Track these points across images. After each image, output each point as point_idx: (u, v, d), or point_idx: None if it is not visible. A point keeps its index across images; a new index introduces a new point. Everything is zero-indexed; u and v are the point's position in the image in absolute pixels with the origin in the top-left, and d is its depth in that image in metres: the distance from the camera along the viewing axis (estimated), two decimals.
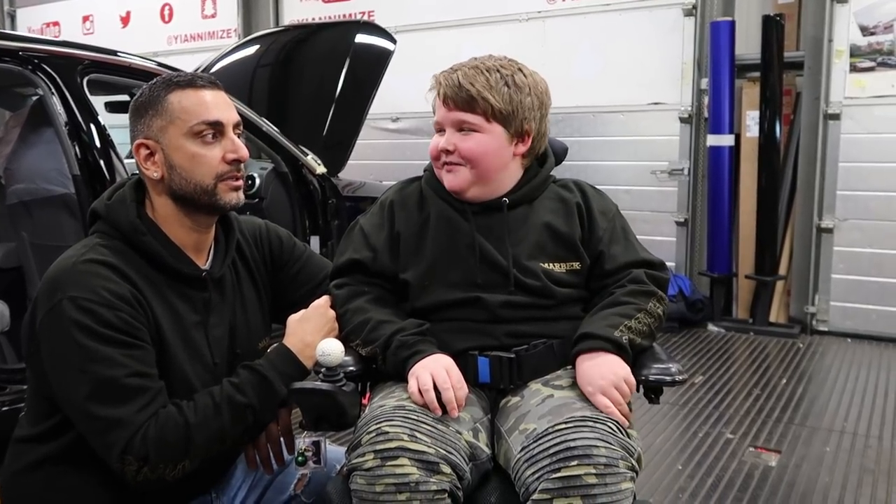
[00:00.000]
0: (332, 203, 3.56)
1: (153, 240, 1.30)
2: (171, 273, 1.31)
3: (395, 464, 1.18)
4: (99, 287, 1.20)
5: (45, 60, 2.55)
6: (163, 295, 1.30)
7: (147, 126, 1.31)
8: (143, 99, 1.32)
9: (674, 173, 4.84)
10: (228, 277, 1.42)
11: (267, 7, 6.22)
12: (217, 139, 1.32)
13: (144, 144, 1.31)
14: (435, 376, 1.27)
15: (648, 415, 3.07)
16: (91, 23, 7.31)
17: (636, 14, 4.87)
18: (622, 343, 1.31)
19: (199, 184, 1.30)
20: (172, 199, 1.32)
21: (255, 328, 1.46)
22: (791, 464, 2.72)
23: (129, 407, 1.18)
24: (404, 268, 1.44)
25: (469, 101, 1.37)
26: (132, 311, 1.22)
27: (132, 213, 1.30)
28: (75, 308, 1.18)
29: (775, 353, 4.11)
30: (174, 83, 1.31)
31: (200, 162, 1.30)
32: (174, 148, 1.30)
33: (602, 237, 1.44)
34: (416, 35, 5.38)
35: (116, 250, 1.27)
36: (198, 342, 1.34)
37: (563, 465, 1.16)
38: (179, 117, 1.29)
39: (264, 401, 1.29)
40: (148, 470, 1.19)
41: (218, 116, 1.31)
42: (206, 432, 1.23)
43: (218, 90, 1.35)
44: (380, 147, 5.62)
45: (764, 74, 4.42)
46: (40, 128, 2.77)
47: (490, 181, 1.43)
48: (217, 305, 1.38)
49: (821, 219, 4.44)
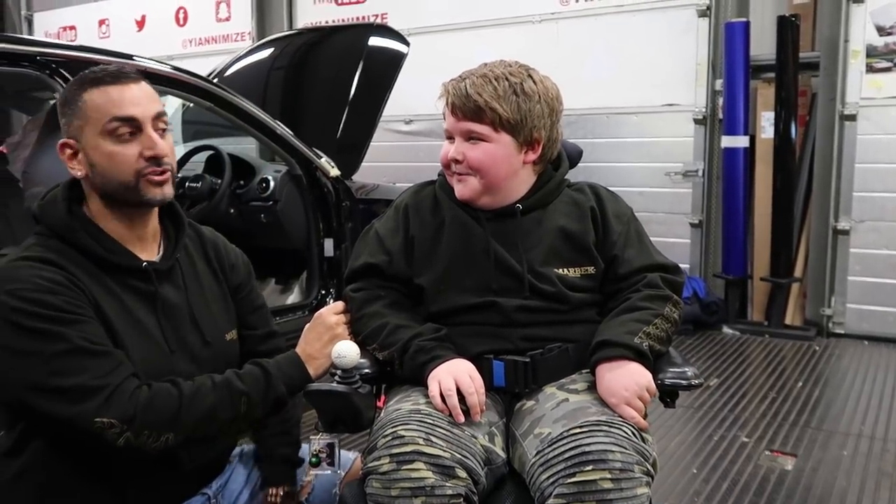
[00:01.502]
0: (345, 205, 3.57)
1: (86, 235, 1.29)
2: (111, 266, 1.30)
3: (411, 468, 1.18)
4: (34, 277, 1.20)
5: (62, 65, 2.57)
6: (106, 286, 1.29)
7: (68, 126, 1.30)
8: (62, 98, 1.31)
9: (688, 175, 4.82)
10: (180, 270, 1.40)
11: (280, 10, 6.24)
12: (135, 136, 1.28)
13: (66, 144, 1.30)
14: (459, 381, 1.28)
15: (663, 418, 3.06)
16: (107, 27, 7.37)
17: (650, 15, 4.85)
18: (643, 350, 1.30)
19: (121, 182, 1.28)
20: (100, 196, 1.32)
21: (220, 319, 1.44)
22: (807, 468, 2.70)
23: (94, 371, 1.18)
24: (419, 272, 1.44)
25: (477, 111, 1.37)
26: (70, 292, 1.22)
27: (62, 211, 1.29)
28: (13, 298, 1.18)
29: (791, 355, 4.08)
30: (87, 80, 1.28)
31: (117, 161, 1.27)
32: (92, 147, 1.28)
33: (616, 241, 1.44)
34: (429, 37, 5.38)
35: (52, 248, 1.27)
36: (150, 329, 1.32)
37: (579, 470, 1.16)
38: (92, 116, 1.27)
39: (261, 393, 1.30)
40: (131, 434, 1.18)
41: (131, 112, 1.27)
42: (197, 407, 1.23)
43: (135, 83, 1.30)
44: (393, 149, 5.63)
45: (779, 75, 4.39)
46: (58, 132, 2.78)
47: (500, 190, 1.43)
48: (166, 296, 1.36)
49: (837, 220, 4.41)
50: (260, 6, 6.33)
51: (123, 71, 1.30)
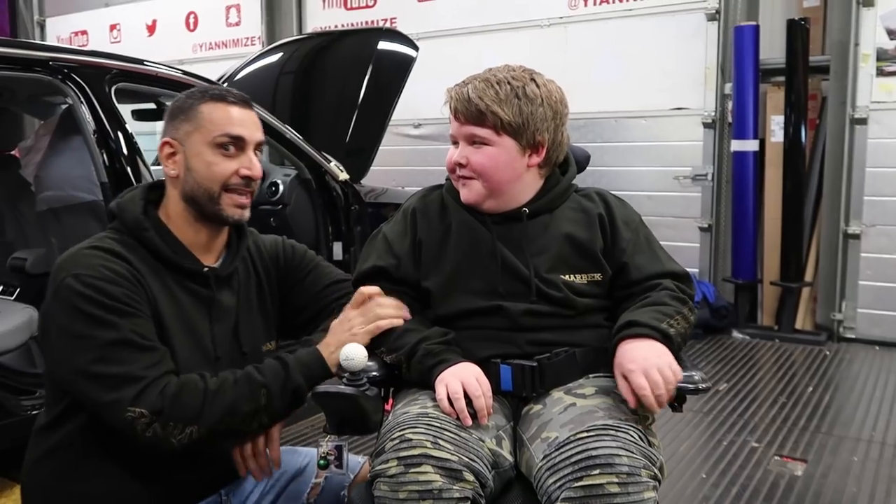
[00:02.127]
0: (354, 209, 3.58)
1: (155, 235, 1.37)
2: (174, 267, 1.37)
3: (419, 471, 1.19)
4: (98, 265, 1.28)
5: (74, 70, 2.60)
6: (166, 285, 1.36)
7: (175, 128, 1.40)
8: (178, 104, 1.42)
9: (697, 178, 4.81)
10: (236, 278, 1.47)
11: (290, 15, 6.27)
12: (236, 154, 1.39)
13: (169, 143, 1.40)
14: (466, 384, 1.28)
15: (672, 422, 3.05)
16: (118, 31, 7.42)
17: (658, 19, 4.84)
18: (669, 333, 1.30)
19: (208, 190, 1.37)
20: (182, 199, 1.40)
21: (258, 330, 1.50)
22: (817, 473, 2.68)
23: (137, 364, 1.24)
24: (426, 276, 1.45)
25: (478, 115, 1.38)
26: (131, 286, 1.29)
27: (137, 210, 1.38)
28: (78, 282, 1.25)
29: (801, 360, 4.06)
30: (209, 94, 1.40)
31: (214, 170, 1.37)
32: (194, 153, 1.38)
33: (625, 248, 1.44)
34: (438, 42, 5.40)
35: (122, 242, 1.35)
36: (201, 333, 1.39)
37: (586, 474, 1.16)
38: (205, 126, 1.38)
39: (280, 386, 1.32)
40: (158, 426, 1.23)
41: (241, 132, 1.39)
42: (220, 402, 1.27)
43: (248, 109, 1.42)
44: (402, 153, 5.64)
45: (789, 79, 4.38)
46: (69, 136, 2.82)
47: (503, 193, 1.43)
48: (222, 302, 1.43)
49: (847, 224, 4.38)
50: (269, 11, 6.36)
51: (244, 96, 1.43)
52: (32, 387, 2.44)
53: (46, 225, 2.93)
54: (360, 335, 1.39)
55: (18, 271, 3.09)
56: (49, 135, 3.00)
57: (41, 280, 3.04)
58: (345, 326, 1.42)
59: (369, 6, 5.93)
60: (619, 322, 1.34)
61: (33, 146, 3.17)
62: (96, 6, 7.53)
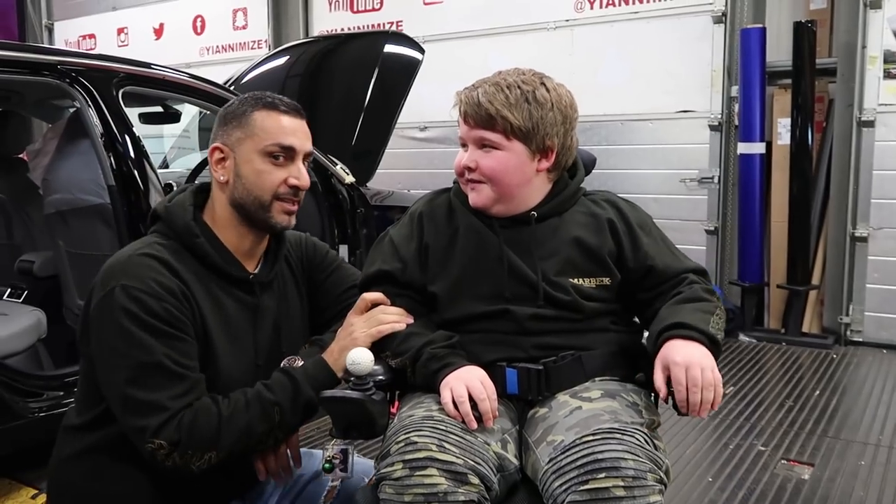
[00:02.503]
0: (360, 212, 3.59)
1: (205, 242, 1.37)
2: (221, 274, 1.38)
3: (424, 474, 1.19)
4: (149, 278, 1.28)
5: (82, 74, 2.61)
6: (213, 294, 1.36)
7: (227, 134, 1.40)
8: (231, 109, 1.42)
9: (703, 181, 4.80)
10: (276, 283, 1.48)
11: (297, 18, 6.29)
12: (285, 163, 1.39)
13: (219, 149, 1.41)
14: (470, 388, 1.28)
15: (678, 426, 3.04)
16: (126, 35, 7.46)
17: (665, 22, 4.84)
18: (718, 339, 1.30)
19: (258, 198, 1.38)
20: (231, 205, 1.40)
21: (298, 332, 1.51)
22: (825, 477, 2.67)
23: (166, 392, 1.24)
24: (432, 280, 1.45)
25: (488, 119, 1.38)
26: (178, 304, 1.29)
27: (188, 216, 1.38)
28: (125, 295, 1.25)
29: (808, 363, 4.05)
30: (262, 102, 1.40)
31: (264, 178, 1.38)
32: (245, 160, 1.38)
33: (648, 252, 1.44)
34: (444, 44, 5.40)
35: (171, 249, 1.35)
36: (244, 342, 1.40)
37: (591, 478, 1.15)
38: (257, 134, 1.38)
39: (291, 401, 1.32)
40: (177, 455, 1.23)
41: (292, 143, 1.39)
42: (234, 426, 1.27)
43: (300, 118, 1.42)
44: (408, 156, 5.65)
45: (796, 81, 4.37)
46: (77, 139, 2.83)
47: (513, 198, 1.43)
48: (264, 309, 1.44)
49: (854, 227, 4.37)
50: (276, 14, 6.38)
51: (296, 106, 1.43)
52: (40, 389, 2.44)
53: (54, 228, 2.94)
54: (360, 339, 1.39)
55: (26, 274, 3.11)
56: (57, 138, 3.01)
57: (48, 282, 3.07)
58: (347, 331, 1.42)
59: (376, 9, 5.95)
60: (666, 321, 1.32)
61: (41, 149, 3.18)
62: (104, 10, 7.57)
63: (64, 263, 2.93)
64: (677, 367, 1.23)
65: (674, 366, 1.24)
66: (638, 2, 4.92)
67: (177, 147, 5.59)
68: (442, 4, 5.62)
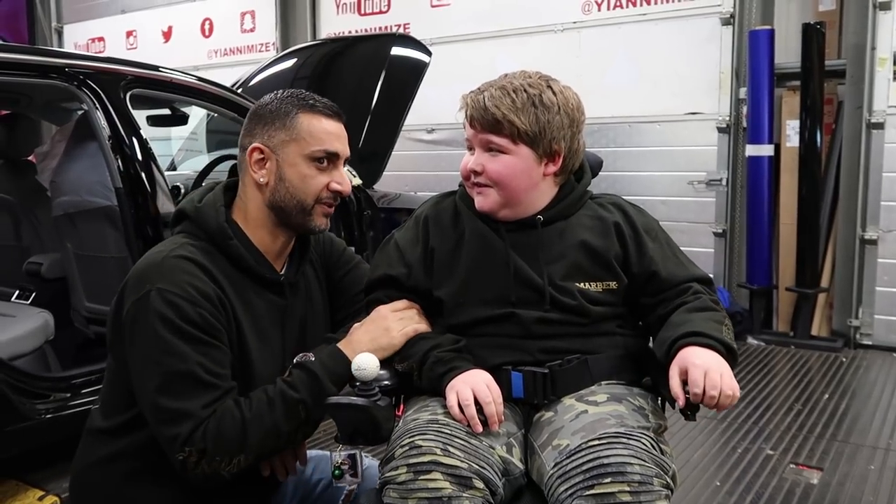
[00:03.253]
0: (367, 214, 3.58)
1: (239, 244, 1.36)
2: (254, 277, 1.37)
3: (428, 478, 1.18)
4: (185, 283, 1.26)
5: (90, 76, 2.62)
6: (245, 297, 1.35)
7: (269, 135, 1.38)
8: (271, 108, 1.39)
9: (711, 184, 4.78)
10: (302, 283, 1.48)
11: (304, 21, 6.30)
12: (329, 168, 1.39)
13: (260, 150, 1.38)
14: (476, 391, 1.27)
15: (686, 429, 3.03)
16: (134, 38, 7.49)
17: (672, 24, 4.83)
18: (733, 347, 1.28)
19: (301, 201, 1.38)
20: (269, 206, 1.39)
21: (322, 332, 1.50)
22: (834, 482, 2.65)
23: (196, 402, 1.23)
24: (438, 285, 1.44)
25: (494, 123, 1.37)
26: (214, 310, 1.27)
27: (221, 217, 1.36)
28: (161, 300, 1.24)
29: (817, 367, 4.02)
30: (307, 104, 1.38)
31: (308, 183, 1.37)
32: (289, 164, 1.37)
33: (653, 257, 1.43)
34: (451, 47, 5.40)
35: (204, 250, 1.34)
36: (273, 344, 1.39)
37: (597, 483, 1.15)
38: (304, 139, 1.37)
39: (315, 397, 1.31)
40: (205, 463, 1.22)
41: (337, 149, 1.39)
42: (260, 427, 1.26)
43: (341, 122, 1.42)
44: (415, 158, 5.65)
45: (804, 83, 4.34)
46: (85, 142, 2.84)
47: (519, 202, 1.42)
48: (293, 309, 1.43)
49: (864, 230, 4.34)
50: (284, 17, 6.40)
51: (338, 109, 1.42)
52: (47, 391, 2.45)
53: (62, 230, 2.95)
54: (397, 337, 1.39)
55: (34, 276, 3.12)
56: (65, 140, 3.02)
57: (56, 284, 3.08)
58: (381, 325, 1.40)
59: (383, 12, 5.95)
60: (681, 329, 1.30)
61: (49, 152, 3.20)
62: (113, 13, 7.60)
63: (72, 265, 2.94)
64: (696, 369, 1.21)
65: (693, 367, 1.22)
66: (646, 4, 4.90)
67: (184, 149, 5.60)
68: (449, 7, 5.62)
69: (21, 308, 2.99)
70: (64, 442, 1.43)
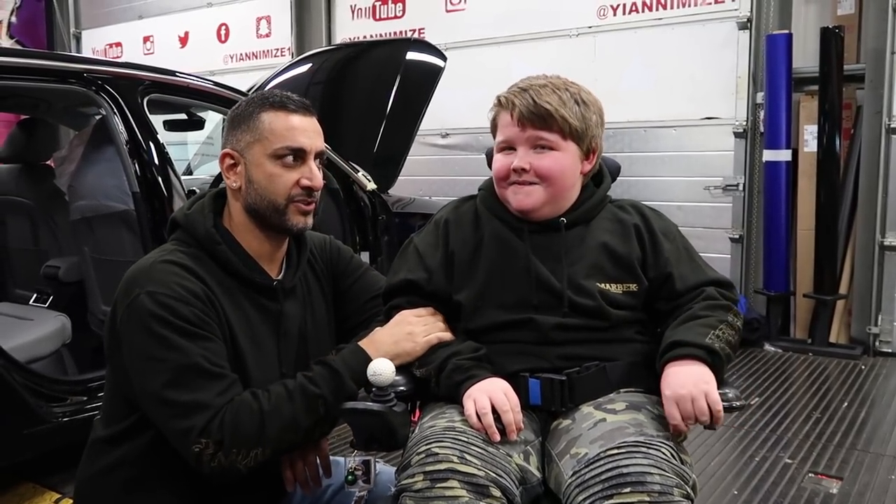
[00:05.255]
0: (382, 219, 3.59)
1: (227, 249, 1.35)
2: (244, 281, 1.36)
3: (445, 486, 1.17)
4: (174, 283, 1.26)
5: (108, 82, 2.64)
6: (237, 301, 1.34)
7: (236, 139, 1.37)
8: (238, 111, 1.38)
9: (728, 189, 4.74)
10: (300, 288, 1.46)
11: (319, 26, 6.32)
12: (297, 164, 1.36)
13: (230, 155, 1.37)
14: (493, 399, 1.26)
15: (702, 437, 2.99)
16: (151, 43, 7.54)
17: (689, 28, 4.80)
18: (715, 349, 1.28)
19: (272, 202, 1.35)
20: (246, 211, 1.38)
21: (324, 339, 1.48)
22: (854, 492, 2.61)
23: (208, 392, 1.22)
24: (458, 289, 1.43)
25: (546, 118, 1.36)
26: (204, 307, 1.27)
27: (209, 223, 1.36)
28: (152, 301, 1.23)
29: (836, 374, 3.97)
30: (269, 102, 1.36)
31: (276, 182, 1.34)
32: (255, 164, 1.35)
33: (669, 259, 1.42)
34: (466, 51, 5.39)
35: (193, 256, 1.33)
36: (268, 350, 1.37)
37: (616, 492, 1.13)
38: (266, 137, 1.34)
39: (335, 393, 1.30)
40: (222, 455, 1.21)
41: (302, 144, 1.35)
42: (278, 420, 1.25)
43: (310, 116, 1.38)
44: (429, 163, 5.64)
45: (823, 88, 4.30)
46: (102, 146, 2.86)
47: (560, 199, 1.42)
48: (288, 315, 1.41)
49: (883, 236, 4.29)
50: (299, 22, 6.43)
51: (304, 103, 1.38)
52: (64, 394, 2.46)
53: (79, 234, 2.97)
54: (420, 342, 1.38)
55: (52, 279, 3.14)
56: (83, 145, 3.04)
57: (73, 288, 3.10)
58: (405, 329, 1.39)
59: (398, 17, 5.96)
60: (664, 342, 1.31)
61: (67, 156, 3.22)
62: (130, 18, 7.67)
63: (89, 269, 2.96)
64: (667, 402, 1.23)
65: (665, 400, 1.24)
66: (662, 8, 4.88)
67: (200, 154, 5.64)
68: (464, 12, 5.62)
69: (38, 311, 3.01)
70: (80, 445, 1.43)
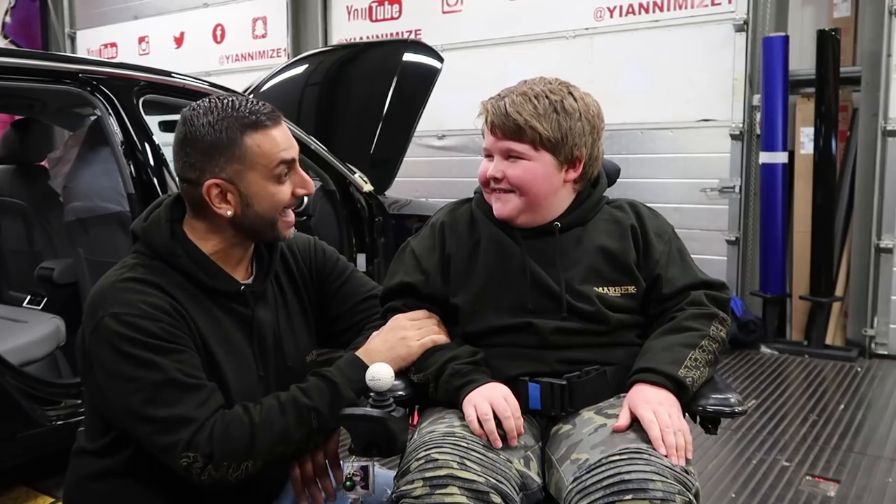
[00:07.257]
0: (378, 221, 3.57)
1: (188, 260, 1.31)
2: (209, 290, 1.33)
3: (445, 492, 1.16)
4: (137, 301, 1.23)
5: (103, 82, 2.62)
6: (206, 308, 1.32)
7: (219, 167, 1.28)
8: (210, 139, 1.27)
9: (724, 191, 4.74)
10: (271, 291, 1.43)
11: (316, 27, 6.31)
12: (289, 174, 1.34)
13: (217, 185, 1.29)
14: (494, 405, 1.25)
15: (700, 440, 2.97)
16: (147, 44, 7.51)
17: (685, 30, 4.80)
18: (685, 384, 1.27)
19: (270, 219, 1.33)
20: (234, 229, 1.33)
21: (302, 341, 1.46)
22: (851, 494, 2.61)
23: (187, 404, 1.20)
24: (455, 292, 1.42)
25: (516, 129, 1.35)
26: (172, 321, 1.24)
27: (165, 235, 1.32)
28: (117, 322, 1.21)
29: (832, 376, 3.98)
30: (245, 124, 1.28)
31: (275, 200, 1.32)
32: (254, 190, 1.30)
33: (659, 260, 1.41)
34: (463, 53, 5.39)
35: (154, 269, 1.30)
36: (244, 354, 1.35)
37: (618, 499, 1.12)
38: (259, 162, 1.29)
39: (330, 405, 1.29)
40: (212, 468, 1.19)
41: (291, 155, 1.33)
42: (269, 432, 1.23)
43: (281, 123, 1.33)
44: (426, 164, 5.64)
45: (819, 90, 4.31)
46: (97, 147, 2.84)
47: (539, 208, 1.41)
48: (261, 319, 1.39)
49: (879, 238, 4.30)
50: (295, 23, 6.41)
51: (274, 112, 1.32)
52: (58, 397, 2.44)
53: (74, 235, 2.95)
54: (414, 347, 1.37)
55: (46, 281, 3.12)
56: (78, 146, 3.02)
57: (68, 290, 3.07)
58: (398, 334, 1.38)
59: (395, 18, 5.95)
60: (638, 363, 1.31)
61: (62, 157, 3.20)
62: (126, 19, 7.64)
63: (83, 271, 2.94)
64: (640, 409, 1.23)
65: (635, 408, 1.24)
66: (658, 10, 4.88)
67: None
68: (461, 13, 5.61)
69: (32, 313, 2.99)
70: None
